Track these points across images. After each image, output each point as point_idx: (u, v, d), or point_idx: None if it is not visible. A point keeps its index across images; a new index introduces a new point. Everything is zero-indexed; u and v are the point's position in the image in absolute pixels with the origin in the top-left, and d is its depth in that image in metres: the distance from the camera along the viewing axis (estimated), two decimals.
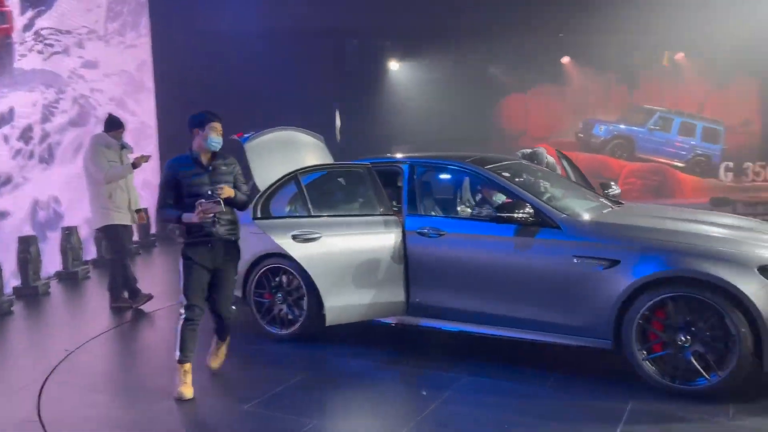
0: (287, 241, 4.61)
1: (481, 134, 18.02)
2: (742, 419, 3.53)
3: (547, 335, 4.25)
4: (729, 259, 3.76)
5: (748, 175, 17.79)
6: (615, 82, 19.14)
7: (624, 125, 18.33)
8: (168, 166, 4.11)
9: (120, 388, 4.49)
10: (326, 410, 3.89)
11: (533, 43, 16.72)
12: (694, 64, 17.90)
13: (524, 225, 4.27)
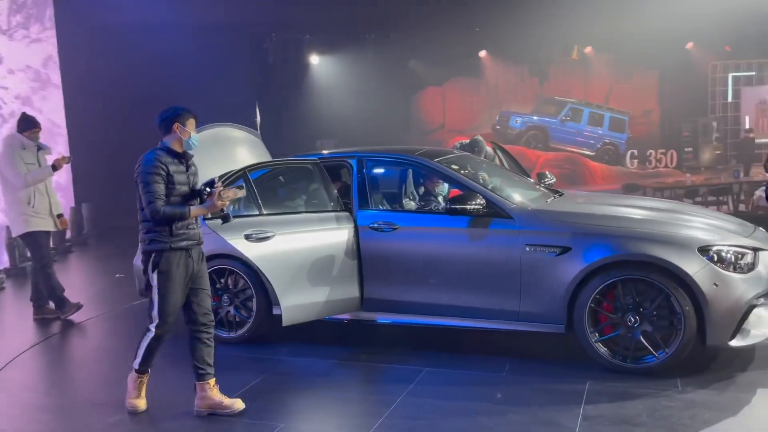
0: (240, 241, 4.47)
1: (400, 128, 18.20)
2: (689, 391, 3.74)
3: (503, 323, 4.34)
4: (672, 241, 3.97)
5: (651, 162, 18.90)
6: (527, 75, 19.82)
7: (537, 117, 19.00)
8: (156, 159, 3.63)
9: (59, 405, 4.22)
10: (291, 412, 3.82)
11: (451, 36, 17.01)
12: (601, 57, 18.78)
13: (477, 216, 4.34)
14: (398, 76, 17.59)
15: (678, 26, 15.76)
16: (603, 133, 19.26)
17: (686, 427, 3.32)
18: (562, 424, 3.42)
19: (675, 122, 18.85)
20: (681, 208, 4.91)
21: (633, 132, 19.39)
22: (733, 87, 18.22)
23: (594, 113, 19.23)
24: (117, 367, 4.77)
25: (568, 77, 19.84)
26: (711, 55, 17.93)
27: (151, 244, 3.67)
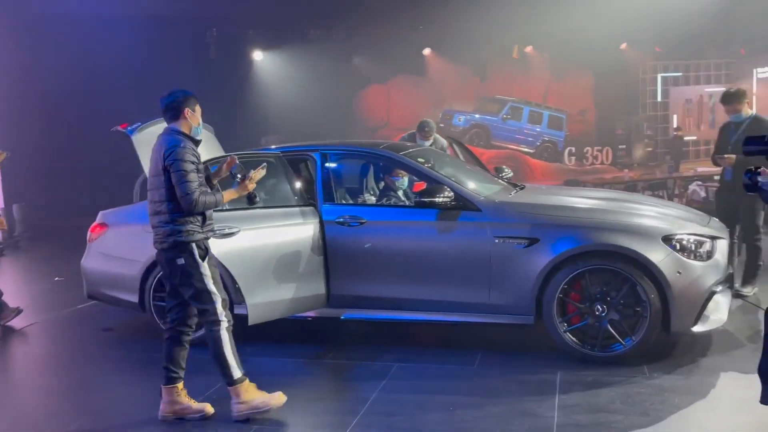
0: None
1: (344, 125, 18.12)
2: (657, 377, 3.83)
3: (473, 316, 4.33)
4: (637, 231, 4.06)
5: (588, 158, 19.50)
6: (470, 73, 20.09)
7: (479, 115, 19.29)
8: (190, 149, 3.48)
9: (14, 416, 3.95)
10: (267, 412, 3.68)
11: (395, 34, 17.03)
12: (539, 57, 19.22)
13: (445, 209, 4.32)
14: (343, 73, 17.49)
15: (613, 28, 16.26)
16: (542, 131, 19.72)
17: (659, 412, 3.39)
18: (540, 415, 3.44)
19: (609, 121, 19.52)
20: (639, 199, 5.05)
21: (570, 130, 19.93)
22: (662, 87, 18.98)
23: (534, 112, 19.66)
24: (66, 375, 4.54)
25: (508, 76, 20.22)
26: (642, 56, 18.63)
27: (188, 234, 3.46)
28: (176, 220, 3.45)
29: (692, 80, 18.81)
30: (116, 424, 3.68)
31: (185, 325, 3.68)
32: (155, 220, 3.53)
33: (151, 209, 3.57)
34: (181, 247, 3.46)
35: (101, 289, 5.25)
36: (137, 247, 4.96)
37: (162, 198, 3.48)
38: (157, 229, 3.52)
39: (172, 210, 3.45)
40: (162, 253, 3.54)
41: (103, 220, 5.25)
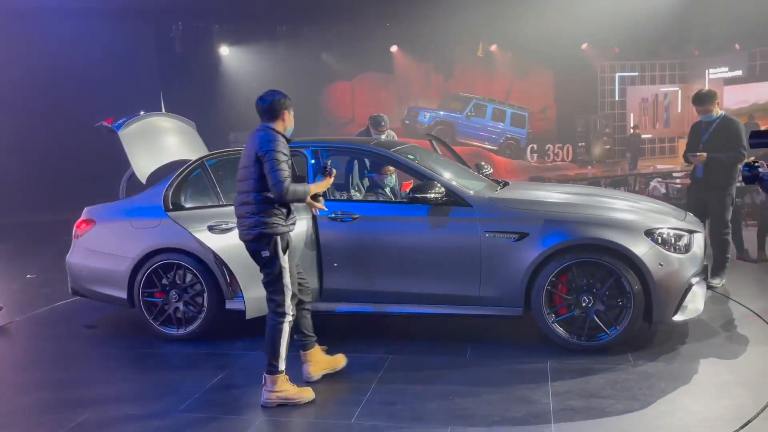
0: (204, 233, 4.32)
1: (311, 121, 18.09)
2: (642, 364, 4.03)
3: (463, 308, 4.46)
4: (622, 225, 4.25)
5: (550, 155, 19.94)
6: (434, 71, 20.28)
7: (444, 112, 19.50)
8: (283, 143, 3.63)
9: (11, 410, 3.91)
10: (264, 407, 3.74)
11: (362, 31, 17.10)
12: (503, 55, 19.54)
13: (437, 205, 4.43)
14: (310, 69, 17.47)
15: (574, 28, 16.66)
16: (505, 128, 20.06)
17: (647, 396, 3.58)
18: (535, 401, 3.59)
19: (569, 118, 19.99)
20: (618, 195, 5.27)
21: (532, 127, 20.34)
22: (619, 86, 19.54)
23: (497, 109, 19.96)
24: (57, 371, 4.51)
25: (472, 74, 20.48)
26: (602, 56, 19.13)
27: (273, 227, 3.59)
28: (263, 211, 3.58)
29: (648, 80, 19.42)
30: (120, 415, 3.68)
31: (302, 296, 3.88)
32: (242, 210, 3.64)
33: (238, 200, 3.68)
34: (266, 239, 3.58)
35: (87, 285, 5.21)
36: (126, 243, 4.96)
37: (250, 188, 3.59)
38: (243, 219, 3.63)
39: (260, 201, 3.57)
40: (248, 244, 3.67)
41: (90, 215, 5.20)
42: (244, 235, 3.65)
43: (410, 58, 19.05)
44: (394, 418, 3.48)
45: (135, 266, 4.92)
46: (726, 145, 5.44)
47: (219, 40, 15.97)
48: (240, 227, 3.67)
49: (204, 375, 4.21)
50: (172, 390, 4.02)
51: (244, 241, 3.69)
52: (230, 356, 4.58)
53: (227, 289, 4.79)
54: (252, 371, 4.25)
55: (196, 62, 15.72)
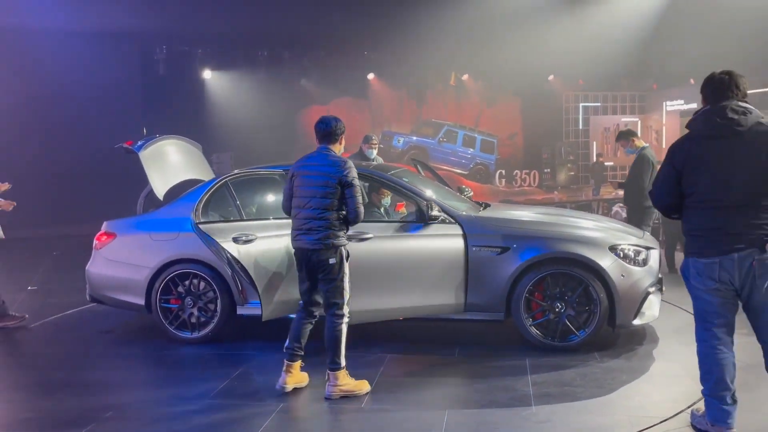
0: (230, 244, 4.85)
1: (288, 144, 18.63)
2: (606, 361, 4.69)
3: (453, 313, 5.05)
4: (590, 242, 4.93)
5: (517, 181, 20.82)
6: (407, 97, 21.07)
7: (416, 137, 20.25)
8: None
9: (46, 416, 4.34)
10: (283, 395, 4.26)
11: (341, 58, 17.79)
12: (474, 84, 20.45)
13: (435, 223, 5.00)
14: (289, 94, 18.04)
15: (542, 60, 17.60)
16: (475, 153, 20.89)
17: (611, 385, 4.22)
18: (518, 389, 4.20)
19: (536, 145, 20.92)
20: (586, 216, 5.97)
21: (500, 153, 21.22)
22: (582, 116, 20.58)
23: (467, 135, 20.78)
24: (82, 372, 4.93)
25: (443, 101, 21.32)
26: (567, 87, 20.17)
27: (340, 239, 4.18)
28: (336, 227, 4.13)
29: (610, 110, 20.50)
30: (151, 403, 4.17)
31: (313, 306, 4.33)
32: (314, 224, 4.12)
33: (307, 214, 4.14)
34: (335, 249, 4.14)
35: (106, 293, 5.67)
36: (146, 254, 5.45)
37: (327, 207, 4.10)
38: (314, 232, 4.12)
39: (336, 218, 4.13)
40: (315, 253, 4.13)
41: (111, 229, 5.68)
42: (313, 244, 4.12)
43: (385, 85, 19.82)
44: (399, 403, 4.06)
45: (153, 275, 5.41)
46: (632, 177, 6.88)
47: (202, 64, 16.47)
48: (308, 238, 4.13)
49: (222, 371, 4.72)
50: (196, 383, 4.53)
51: (311, 250, 4.13)
52: (243, 356, 5.09)
53: (239, 296, 5.31)
54: (266, 368, 4.78)
55: (179, 84, 16.16)
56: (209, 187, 5.03)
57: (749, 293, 3.25)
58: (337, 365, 4.18)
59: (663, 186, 3.48)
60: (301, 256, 4.23)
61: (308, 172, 4.21)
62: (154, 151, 5.82)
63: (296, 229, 4.23)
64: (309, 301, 4.32)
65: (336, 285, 4.18)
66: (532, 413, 3.85)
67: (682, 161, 3.37)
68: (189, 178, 6.15)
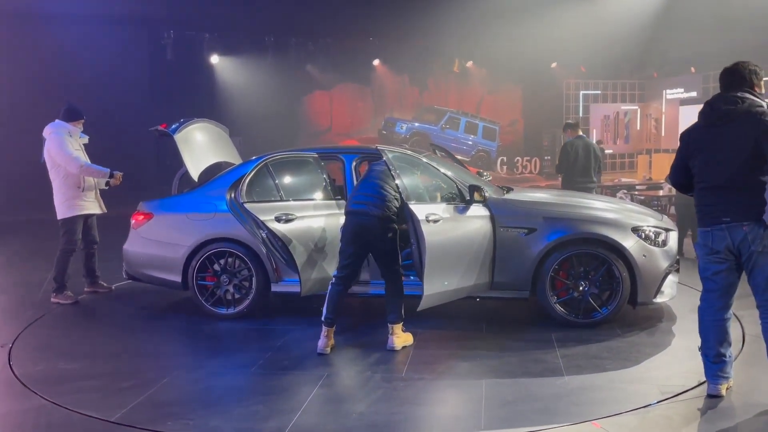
0: (273, 223, 5.06)
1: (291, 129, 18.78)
2: (628, 336, 4.93)
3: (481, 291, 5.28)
4: (613, 223, 5.16)
5: (518, 167, 21.03)
6: (409, 84, 21.19)
7: (418, 123, 20.40)
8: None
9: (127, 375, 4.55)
10: (331, 363, 4.49)
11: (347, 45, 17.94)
12: (478, 71, 20.60)
13: (466, 204, 5.20)
14: (294, 79, 18.17)
15: (545, 47, 17.73)
16: (477, 140, 21.05)
17: (637, 358, 4.47)
18: (549, 361, 4.44)
19: (536, 132, 21.11)
20: (605, 199, 6.20)
21: (501, 140, 21.39)
22: (583, 103, 20.75)
23: (470, 122, 20.93)
24: (131, 341, 5.18)
25: (445, 88, 21.45)
26: (569, 74, 20.32)
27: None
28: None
29: (610, 98, 20.70)
30: (203, 372, 4.38)
31: (353, 279, 4.73)
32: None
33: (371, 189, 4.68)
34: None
35: (143, 270, 5.87)
36: (183, 233, 5.65)
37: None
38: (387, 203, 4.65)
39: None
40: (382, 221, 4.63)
41: (147, 209, 5.87)
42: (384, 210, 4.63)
43: (389, 72, 19.95)
44: (436, 373, 4.29)
45: (190, 253, 5.61)
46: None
47: (209, 49, 16.57)
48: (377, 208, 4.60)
49: (263, 344, 4.95)
50: (241, 355, 4.75)
51: (381, 218, 4.57)
52: (279, 330, 5.31)
53: (273, 274, 5.52)
54: (302, 341, 5.00)
55: (186, 69, 16.27)
56: (252, 168, 5.22)
57: (747, 259, 3.63)
58: (401, 319, 4.76)
59: (675, 168, 3.93)
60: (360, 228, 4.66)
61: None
62: (187, 133, 6.00)
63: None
64: (350, 272, 4.72)
65: (397, 251, 4.78)
66: (564, 382, 4.08)
67: (686, 147, 3.84)
68: (219, 160, 6.34)
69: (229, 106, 16.83)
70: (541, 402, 3.81)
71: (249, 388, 4.16)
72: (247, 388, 4.17)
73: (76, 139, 6.32)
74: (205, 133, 6.32)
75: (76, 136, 6.33)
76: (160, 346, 5.05)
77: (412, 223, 4.62)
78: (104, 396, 4.03)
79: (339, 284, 4.66)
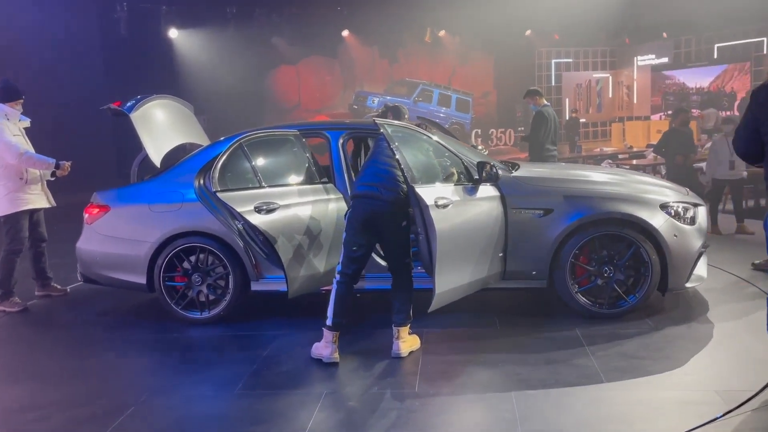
0: (252, 215, 4.30)
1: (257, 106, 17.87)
2: (663, 328, 4.36)
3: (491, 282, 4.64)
4: (640, 200, 4.56)
5: (493, 140, 20.47)
6: (379, 56, 20.38)
7: (390, 97, 19.63)
8: None
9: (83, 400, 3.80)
10: (330, 377, 3.82)
11: (314, 15, 16.98)
12: (449, 41, 19.86)
13: (473, 184, 4.52)
14: (260, 53, 17.22)
15: (519, 14, 17.08)
16: (450, 112, 20.42)
17: (680, 355, 3.89)
18: (581, 365, 3.84)
19: (509, 104, 20.55)
20: (621, 172, 5.61)
21: (475, 112, 20.80)
22: (555, 72, 20.23)
23: (443, 94, 20.26)
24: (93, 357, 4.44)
25: (416, 59, 20.69)
26: (542, 42, 19.74)
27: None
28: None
29: (582, 66, 20.19)
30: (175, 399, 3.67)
31: (360, 274, 4.09)
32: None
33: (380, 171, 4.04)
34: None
35: (101, 272, 5.10)
36: (145, 227, 4.89)
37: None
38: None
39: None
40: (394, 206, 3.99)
41: (103, 200, 5.07)
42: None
43: (359, 43, 19.08)
44: (454, 385, 3.65)
45: (155, 251, 4.86)
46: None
47: (167, 23, 15.48)
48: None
49: (245, 355, 4.24)
50: (220, 369, 4.04)
51: (394, 203, 3.97)
52: (263, 337, 4.61)
53: (252, 270, 4.81)
54: (292, 349, 4.32)
55: (142, 45, 15.19)
56: (225, 150, 4.45)
57: None
58: (409, 320, 4.15)
59: (742, 132, 3.30)
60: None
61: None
62: (145, 112, 5.21)
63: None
64: (357, 270, 4.11)
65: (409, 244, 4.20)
66: (607, 392, 3.49)
67: (759, 108, 3.21)
68: (184, 142, 5.56)
69: (190, 83, 15.80)
70: (585, 420, 3.20)
71: (233, 416, 3.45)
72: (231, 415, 3.47)
73: (14, 122, 5.46)
74: (166, 110, 5.53)
75: (14, 119, 5.47)
76: (124, 363, 4.31)
77: (419, 209, 3.93)
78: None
79: (344, 282, 3.98)
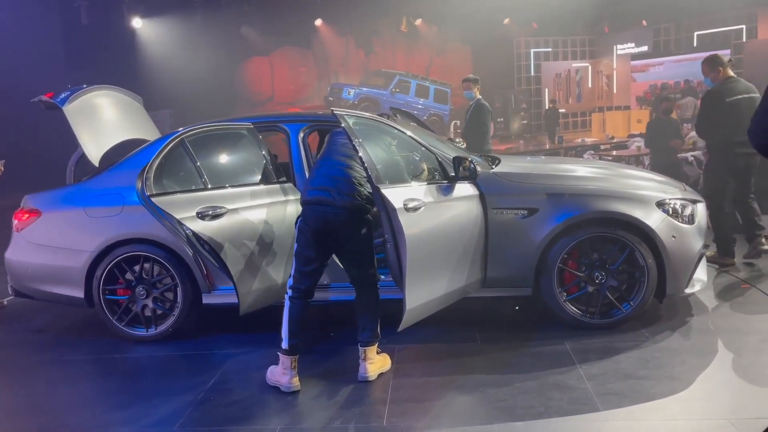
0: (195, 222, 3.76)
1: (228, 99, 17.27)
2: (661, 340, 3.91)
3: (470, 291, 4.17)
4: (634, 197, 4.10)
5: None
6: (354, 47, 19.82)
7: (367, 88, 19.10)
8: None
9: None
10: (287, 407, 3.32)
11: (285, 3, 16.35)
12: (428, 30, 19.36)
13: (449, 182, 4.03)
14: (230, 44, 16.61)
15: (497, 2, 16.67)
16: (428, 104, 19.94)
17: (684, 373, 3.44)
18: (573, 386, 3.37)
19: (488, 94, 20.12)
20: (609, 165, 5.16)
21: (453, 103, 20.35)
22: (534, 62, 19.85)
23: (420, 85, 19.78)
24: (12, 383, 3.88)
25: (392, 49, 20.19)
26: (520, 32, 19.35)
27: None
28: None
29: (561, 56, 19.81)
30: None
31: (314, 289, 3.57)
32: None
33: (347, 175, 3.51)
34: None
35: (33, 285, 4.54)
36: (82, 234, 4.34)
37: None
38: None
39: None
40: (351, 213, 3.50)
41: (33, 205, 4.50)
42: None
43: (333, 33, 18.50)
44: (428, 416, 3.17)
45: (93, 261, 4.31)
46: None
47: (130, 11, 14.76)
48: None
49: (193, 380, 3.73)
50: (161, 401, 3.50)
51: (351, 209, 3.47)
52: (215, 356, 4.10)
53: (204, 281, 4.28)
54: (247, 372, 3.81)
55: (105, 35, 14.48)
56: (162, 147, 3.90)
57: None
58: (377, 338, 3.66)
59: (762, 120, 2.74)
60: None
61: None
62: (82, 104, 4.64)
63: None
64: (312, 284, 3.59)
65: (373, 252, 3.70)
66: (604, 422, 3.02)
67: None
68: (129, 138, 5.00)
69: (157, 76, 15.13)
70: None
71: None
72: None
73: None
74: (109, 103, 4.96)
75: None
76: (54, 394, 3.74)
77: (386, 213, 3.42)
78: None
79: (299, 298, 3.47)
